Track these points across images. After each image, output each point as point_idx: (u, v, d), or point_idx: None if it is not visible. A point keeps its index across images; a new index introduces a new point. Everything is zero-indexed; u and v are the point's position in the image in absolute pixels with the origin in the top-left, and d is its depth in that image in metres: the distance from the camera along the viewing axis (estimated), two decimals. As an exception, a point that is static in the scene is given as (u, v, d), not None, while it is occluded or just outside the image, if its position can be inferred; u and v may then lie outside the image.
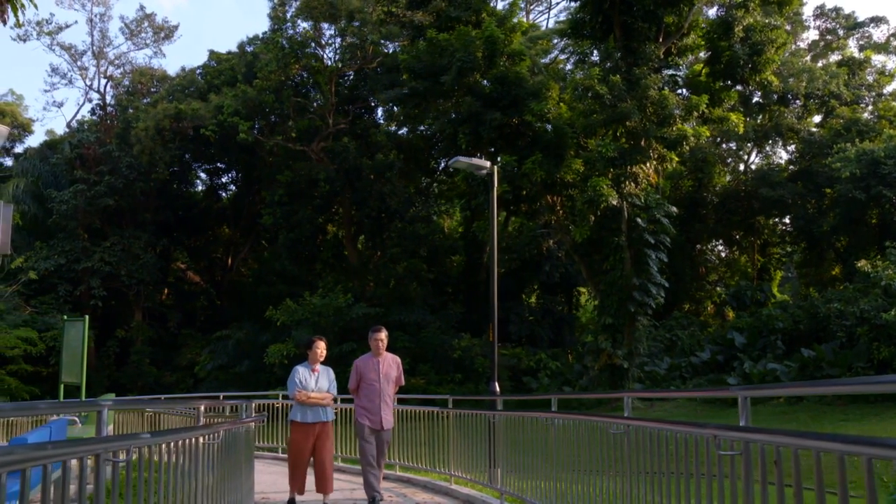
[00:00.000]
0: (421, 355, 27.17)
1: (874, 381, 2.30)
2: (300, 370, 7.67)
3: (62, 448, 2.86)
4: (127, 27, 32.45)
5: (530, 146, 21.79)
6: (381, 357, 7.84)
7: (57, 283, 27.89)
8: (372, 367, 7.79)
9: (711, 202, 32.23)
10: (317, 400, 7.52)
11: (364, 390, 7.73)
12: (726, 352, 22.76)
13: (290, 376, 7.70)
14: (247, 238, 35.33)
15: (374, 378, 7.73)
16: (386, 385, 7.72)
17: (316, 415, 7.55)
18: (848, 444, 2.09)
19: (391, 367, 7.88)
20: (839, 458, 2.11)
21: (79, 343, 11.72)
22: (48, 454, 2.69)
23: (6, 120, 34.09)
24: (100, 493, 2.98)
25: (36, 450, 2.59)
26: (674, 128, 19.79)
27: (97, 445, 2.97)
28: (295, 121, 29.49)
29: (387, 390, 7.73)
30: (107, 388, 28.03)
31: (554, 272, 31.14)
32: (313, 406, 7.52)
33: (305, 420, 7.51)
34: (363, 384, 7.74)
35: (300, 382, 7.54)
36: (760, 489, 2.52)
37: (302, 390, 7.50)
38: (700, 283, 33.65)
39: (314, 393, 7.52)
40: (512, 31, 23.70)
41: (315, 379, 7.60)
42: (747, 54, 21.33)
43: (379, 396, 7.65)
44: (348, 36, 26.81)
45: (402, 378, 8.07)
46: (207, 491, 4.31)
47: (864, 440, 2.00)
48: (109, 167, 28.43)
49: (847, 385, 3.12)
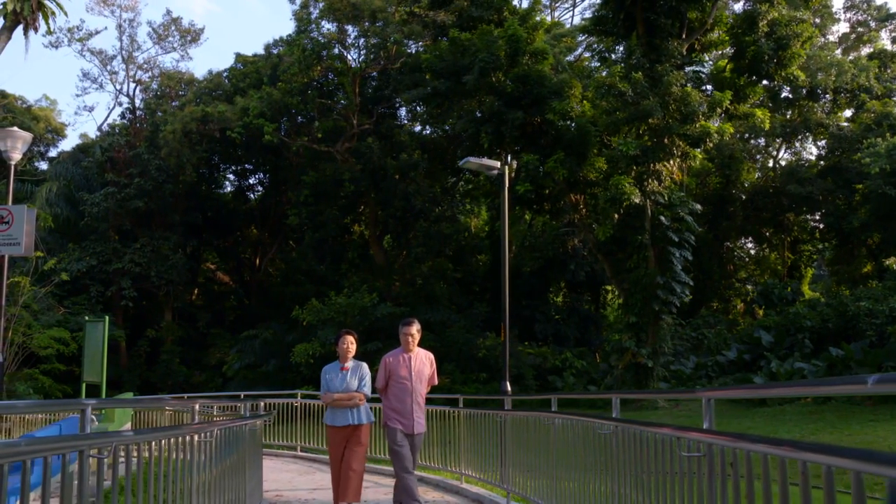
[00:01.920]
0: (446, 354, 27.22)
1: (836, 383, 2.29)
2: (327, 370, 7.06)
3: (45, 444, 2.96)
4: (154, 31, 32.97)
5: (553, 145, 21.74)
6: (412, 353, 7.07)
7: (89, 284, 28.44)
8: (403, 363, 7.03)
9: (739, 199, 31.83)
10: (343, 401, 6.82)
11: (393, 390, 6.97)
12: (753, 351, 22.47)
13: (321, 377, 7.09)
14: (274, 238, 35.70)
15: (405, 376, 6.98)
16: (418, 384, 6.98)
17: (344, 417, 6.83)
18: (802, 452, 2.08)
19: (424, 365, 7.13)
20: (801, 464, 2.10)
21: (100, 343, 11.96)
22: (30, 450, 2.78)
23: (40, 125, 34.85)
24: (83, 487, 3.06)
25: (14, 446, 2.68)
26: (697, 125, 19.59)
27: (80, 442, 3.05)
28: (320, 122, 29.74)
29: (419, 390, 6.99)
30: (138, 388, 28.54)
31: (579, 271, 31.02)
32: (342, 408, 6.84)
33: (334, 423, 6.87)
34: (392, 383, 6.99)
35: (326, 384, 6.98)
36: (720, 490, 2.53)
37: (328, 392, 6.91)
38: (729, 281, 33.27)
39: (339, 394, 6.83)
40: (534, 29, 23.65)
41: (342, 378, 6.93)
42: (772, 49, 21.04)
43: (411, 397, 6.91)
44: (371, 36, 26.95)
45: (435, 377, 7.30)
46: (203, 487, 4.40)
47: (821, 448, 1.97)
48: (139, 170, 28.93)
49: (807, 387, 3.09)
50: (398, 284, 31.03)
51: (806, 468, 1.98)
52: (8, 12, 20.05)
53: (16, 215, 10.11)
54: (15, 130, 10.79)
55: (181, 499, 4.02)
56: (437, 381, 7.30)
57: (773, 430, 15.36)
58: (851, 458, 1.73)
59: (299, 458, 12.62)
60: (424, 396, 7.14)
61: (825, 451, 1.91)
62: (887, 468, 1.47)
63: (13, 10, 20.06)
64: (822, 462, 1.87)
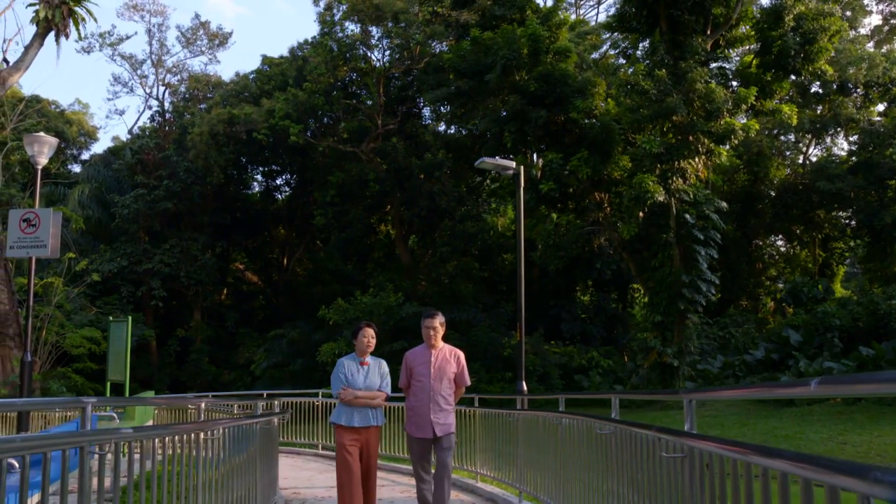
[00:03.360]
0: (471, 354, 27.25)
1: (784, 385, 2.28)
2: (346, 363, 6.30)
3: (44, 440, 3.07)
4: (183, 36, 33.48)
5: (577, 143, 21.65)
6: (435, 349, 6.42)
7: (120, 284, 28.97)
8: (423, 359, 6.38)
9: (768, 196, 31.39)
10: (366, 400, 6.11)
11: (413, 389, 6.38)
12: (781, 350, 22.17)
13: (335, 371, 6.32)
14: (302, 238, 36.04)
15: (424, 372, 6.30)
16: (437, 383, 6.27)
17: (365, 418, 6.10)
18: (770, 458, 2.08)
19: (447, 362, 6.40)
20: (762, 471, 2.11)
21: (123, 343, 12.18)
22: (30, 445, 2.88)
23: (73, 129, 35.55)
24: (84, 483, 3.15)
25: (11, 442, 2.77)
26: (721, 121, 19.38)
27: (80, 438, 3.15)
28: (346, 122, 29.96)
29: (438, 389, 6.28)
30: (168, 386, 29.02)
31: (605, 269, 30.87)
32: (361, 407, 6.10)
33: (352, 424, 6.05)
34: (413, 382, 6.40)
35: (346, 378, 6.18)
36: (699, 492, 2.54)
37: (348, 388, 6.13)
38: (758, 280, 32.84)
39: (363, 392, 6.13)
40: (557, 27, 23.57)
41: (364, 374, 6.20)
42: (799, 44, 20.72)
43: (428, 395, 6.24)
44: (394, 37, 27.08)
45: (465, 377, 6.57)
46: (210, 484, 4.49)
47: (791, 456, 1.97)
48: (168, 172, 29.40)
49: (761, 388, 3.06)
50: (424, 284, 31.14)
51: (766, 472, 1.99)
52: (40, 19, 20.45)
53: (42, 218, 10.37)
54: (41, 136, 11.04)
55: (187, 495, 4.11)
56: (469, 382, 6.59)
57: (801, 430, 15.17)
58: (786, 460, 1.74)
59: (320, 457, 12.77)
60: (450, 397, 6.42)
61: (770, 454, 1.91)
62: (829, 475, 1.47)
63: (45, 17, 20.44)
64: (764, 465, 1.88)
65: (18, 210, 10.76)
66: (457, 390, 6.52)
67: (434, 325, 6.41)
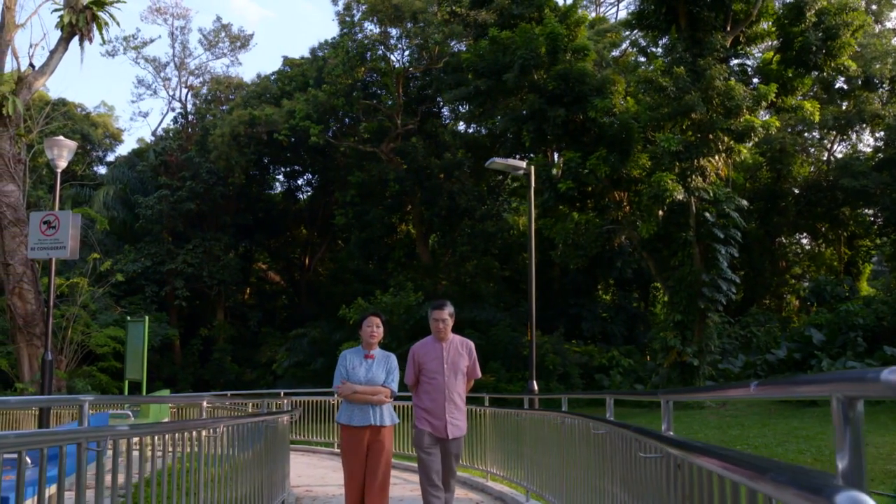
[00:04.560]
0: (491, 353, 27.32)
1: (725, 388, 2.28)
2: (348, 356, 5.76)
3: (42, 437, 3.17)
4: (205, 38, 33.83)
5: (596, 142, 21.57)
6: (445, 342, 5.92)
7: (144, 284, 29.36)
8: (433, 354, 5.89)
9: (792, 194, 31.03)
10: (366, 396, 5.52)
11: (424, 386, 5.87)
12: (804, 349, 21.92)
13: (337, 363, 5.79)
14: (323, 238, 36.29)
15: (437, 369, 5.84)
16: (452, 379, 5.81)
17: (365, 416, 5.53)
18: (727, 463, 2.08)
19: (459, 355, 5.92)
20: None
21: (140, 342, 12.37)
22: (26, 441, 2.97)
23: (98, 131, 36.08)
24: (81, 478, 3.23)
25: (4, 438, 2.86)
26: (741, 119, 19.19)
27: (77, 435, 3.24)
28: (366, 122, 30.12)
29: (454, 386, 5.82)
30: (192, 385, 29.38)
31: (626, 268, 30.73)
32: (362, 404, 5.55)
33: (351, 423, 5.54)
34: (423, 378, 5.90)
35: (346, 371, 5.63)
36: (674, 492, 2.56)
37: (347, 381, 5.58)
38: (782, 278, 32.47)
39: (362, 386, 5.53)
40: (576, 25, 23.49)
41: (367, 367, 5.63)
42: (821, 39, 20.46)
43: (443, 394, 5.77)
44: (413, 37, 27.17)
45: (477, 369, 6.10)
46: (213, 481, 4.58)
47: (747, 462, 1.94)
48: (191, 173, 29.75)
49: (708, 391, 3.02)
50: (444, 283, 31.22)
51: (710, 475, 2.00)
52: (64, 24, 20.79)
53: (62, 220, 10.58)
54: (60, 139, 11.26)
55: (188, 489, 4.20)
56: (480, 375, 6.12)
57: (822, 430, 15.02)
58: (717, 459, 1.75)
59: (335, 455, 12.85)
60: (462, 394, 5.97)
61: (707, 453, 1.91)
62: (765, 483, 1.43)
63: (69, 22, 20.78)
64: (699, 464, 1.89)
65: (39, 213, 10.98)
66: (467, 384, 6.07)
67: (443, 316, 5.89)
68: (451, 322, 5.94)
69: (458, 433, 5.85)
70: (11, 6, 20.33)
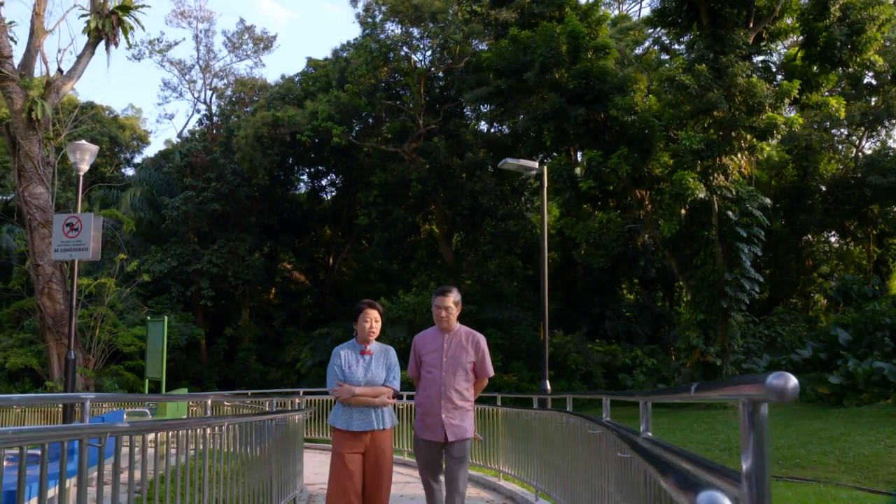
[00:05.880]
0: (514, 352, 27.33)
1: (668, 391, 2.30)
2: (342, 353, 5.11)
3: (43, 433, 3.27)
4: (229, 41, 34.23)
5: (617, 140, 21.46)
6: (448, 333, 5.26)
7: (170, 284, 29.78)
8: (433, 346, 5.25)
9: (819, 191, 30.58)
10: (366, 398, 4.93)
11: (422, 382, 5.28)
12: (829, 349, 21.61)
13: (330, 361, 5.15)
14: (347, 238, 36.52)
15: (434, 362, 5.18)
16: (450, 375, 5.14)
17: (366, 420, 4.95)
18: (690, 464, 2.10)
19: (462, 349, 5.22)
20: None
21: (160, 342, 12.59)
22: (27, 437, 3.08)
23: (126, 133, 36.66)
24: (83, 474, 3.33)
25: (3, 434, 2.95)
26: (764, 116, 18.98)
27: (77, 431, 3.33)
28: (389, 122, 30.28)
29: (451, 382, 5.14)
30: (217, 384, 29.75)
31: (650, 267, 30.55)
32: (361, 406, 4.96)
33: (349, 427, 4.94)
34: (422, 371, 5.29)
35: (341, 371, 5.02)
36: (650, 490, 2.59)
37: (343, 383, 4.97)
38: (808, 277, 32.04)
39: (361, 388, 4.95)
40: (598, 23, 23.38)
41: (365, 365, 5.02)
42: (846, 34, 20.14)
43: (438, 390, 5.12)
44: (434, 37, 27.25)
45: (487, 367, 5.31)
46: (218, 478, 4.67)
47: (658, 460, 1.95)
48: (216, 174, 30.11)
49: (657, 395, 3.02)
50: (468, 282, 31.27)
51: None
52: (91, 30, 21.17)
53: (84, 222, 10.80)
54: (82, 143, 11.50)
55: (191, 486, 4.29)
56: (492, 373, 5.36)
57: (847, 432, 14.79)
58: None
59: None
60: (467, 392, 5.24)
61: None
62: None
63: (95, 27, 21.16)
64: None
65: (62, 215, 11.23)
66: (477, 383, 5.32)
67: (447, 303, 5.21)
68: (457, 311, 5.28)
69: (461, 435, 5.11)
70: (41, 12, 20.77)
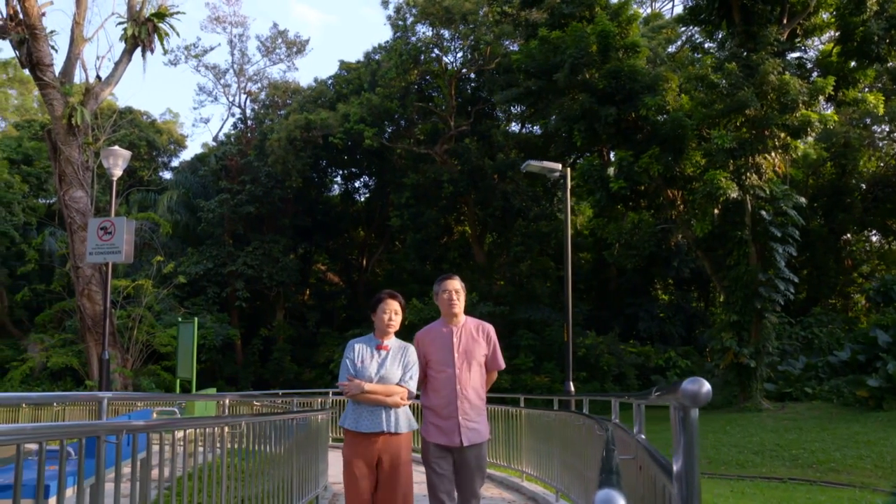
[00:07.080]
0: (546, 353, 27.26)
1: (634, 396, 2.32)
2: (357, 347, 4.59)
3: (61, 429, 3.40)
4: (263, 45, 34.65)
5: (648, 140, 21.29)
6: (456, 324, 4.75)
7: (206, 285, 30.28)
8: (441, 341, 4.71)
9: (858, 189, 29.93)
10: (378, 396, 4.40)
11: (432, 382, 4.74)
12: (868, 351, 21.13)
13: (343, 354, 4.62)
14: (380, 239, 36.77)
15: (446, 359, 4.67)
16: (466, 371, 4.64)
17: (376, 420, 4.40)
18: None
19: (474, 341, 4.71)
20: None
21: (190, 342, 12.85)
22: (47, 433, 3.20)
23: (163, 137, 37.36)
24: (100, 470, 3.45)
25: (21, 430, 3.07)
26: (797, 114, 18.66)
27: (95, 428, 3.45)
28: (421, 124, 30.42)
29: (468, 381, 4.64)
30: (252, 384, 30.16)
31: (683, 267, 30.23)
32: (372, 405, 4.42)
33: (357, 427, 4.41)
34: (430, 372, 4.74)
35: (353, 365, 4.51)
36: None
37: (353, 378, 4.44)
38: (848, 277, 31.37)
39: (373, 385, 4.41)
40: (628, 23, 23.21)
41: (379, 361, 4.50)
42: (883, 29, 19.72)
43: (454, 390, 4.59)
44: (465, 38, 27.32)
45: (499, 359, 4.83)
46: (237, 476, 4.78)
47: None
48: (250, 177, 30.55)
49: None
50: (500, 283, 31.26)
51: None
52: (127, 37, 21.67)
53: (117, 226, 11.08)
54: (115, 149, 11.80)
55: (210, 481, 4.40)
56: (503, 365, 4.90)
57: (885, 436, 14.53)
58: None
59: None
60: (482, 389, 4.75)
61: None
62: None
63: (132, 34, 21.64)
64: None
65: (97, 219, 11.53)
66: (488, 377, 4.87)
67: (455, 286, 4.75)
68: (464, 296, 4.83)
69: (478, 439, 4.61)
70: (80, 21, 21.33)
